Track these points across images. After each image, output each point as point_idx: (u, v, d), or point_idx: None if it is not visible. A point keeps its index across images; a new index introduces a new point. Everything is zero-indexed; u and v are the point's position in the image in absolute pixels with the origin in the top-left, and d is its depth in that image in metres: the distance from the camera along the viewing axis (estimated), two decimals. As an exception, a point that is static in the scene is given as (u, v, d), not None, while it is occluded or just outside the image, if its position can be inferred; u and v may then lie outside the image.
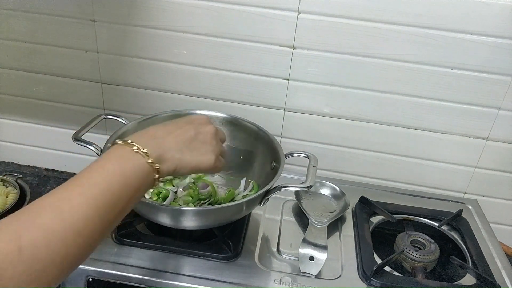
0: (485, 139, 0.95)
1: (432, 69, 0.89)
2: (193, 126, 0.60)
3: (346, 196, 0.93)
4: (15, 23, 0.97)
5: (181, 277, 0.71)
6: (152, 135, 0.56)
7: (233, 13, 0.89)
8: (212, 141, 0.60)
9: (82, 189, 0.46)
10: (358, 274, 0.76)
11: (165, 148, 0.55)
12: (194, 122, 0.61)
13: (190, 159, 0.57)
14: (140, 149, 0.51)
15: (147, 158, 0.51)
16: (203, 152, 0.59)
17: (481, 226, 0.91)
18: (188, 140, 0.58)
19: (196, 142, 0.58)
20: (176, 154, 0.56)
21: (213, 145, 0.60)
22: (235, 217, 0.76)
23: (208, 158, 0.59)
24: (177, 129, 0.58)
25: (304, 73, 0.93)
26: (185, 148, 0.57)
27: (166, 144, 0.55)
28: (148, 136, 0.55)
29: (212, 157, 0.60)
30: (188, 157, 0.57)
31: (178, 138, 0.57)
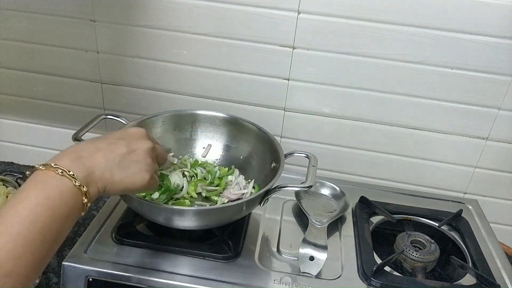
0: (485, 139, 0.95)
1: (432, 69, 0.89)
2: (125, 142, 0.55)
3: (346, 196, 0.93)
4: (15, 23, 0.97)
5: (181, 277, 0.71)
6: (78, 154, 0.51)
7: (233, 13, 0.89)
8: (146, 158, 0.56)
9: (6, 227, 0.42)
10: (358, 274, 0.76)
11: (93, 168, 0.50)
12: (127, 138, 0.56)
13: (121, 179, 0.53)
14: (65, 172, 0.47)
15: (73, 180, 0.47)
16: (135, 171, 0.54)
17: (481, 226, 0.91)
18: (118, 158, 0.53)
19: (128, 160, 0.54)
20: (105, 173, 0.51)
21: (147, 163, 0.56)
22: (235, 217, 0.76)
23: (141, 177, 0.55)
24: (108, 145, 0.54)
25: (304, 73, 0.93)
26: (115, 167, 0.52)
27: (94, 163, 0.51)
28: (73, 156, 0.50)
29: (145, 176, 0.55)
30: (118, 177, 0.53)
31: (108, 155, 0.52)
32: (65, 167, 0.47)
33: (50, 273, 0.82)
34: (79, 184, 0.48)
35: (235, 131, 0.91)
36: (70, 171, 0.47)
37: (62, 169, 0.47)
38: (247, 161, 0.90)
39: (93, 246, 0.75)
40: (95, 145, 0.53)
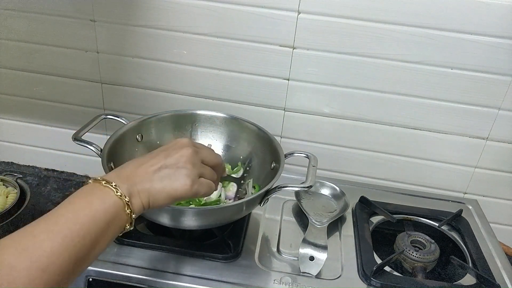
0: (485, 139, 0.95)
1: (432, 69, 0.89)
2: (165, 153, 0.56)
3: (346, 196, 0.93)
4: (15, 23, 0.97)
5: (181, 277, 0.71)
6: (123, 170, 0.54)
7: (233, 13, 0.89)
8: (187, 164, 0.55)
9: (46, 225, 0.45)
10: (358, 274, 0.76)
11: (134, 180, 0.52)
12: (169, 149, 0.57)
13: (161, 188, 0.53)
14: (109, 183, 0.50)
15: (115, 191, 0.50)
16: (176, 178, 0.54)
17: (481, 226, 0.91)
18: (158, 168, 0.54)
19: (167, 169, 0.54)
20: (145, 184, 0.53)
21: (188, 168, 0.55)
22: (235, 217, 0.76)
23: (182, 183, 0.54)
24: (149, 159, 0.55)
25: (304, 73, 0.93)
26: (154, 177, 0.53)
27: (136, 176, 0.53)
28: (119, 172, 0.53)
29: (186, 182, 0.54)
30: (158, 186, 0.53)
31: (149, 168, 0.54)
32: (109, 180, 0.50)
33: (50, 273, 0.81)
34: (121, 194, 0.50)
35: (235, 131, 0.91)
36: (113, 182, 0.50)
37: (106, 181, 0.50)
38: (247, 161, 0.90)
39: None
40: (138, 161, 0.55)
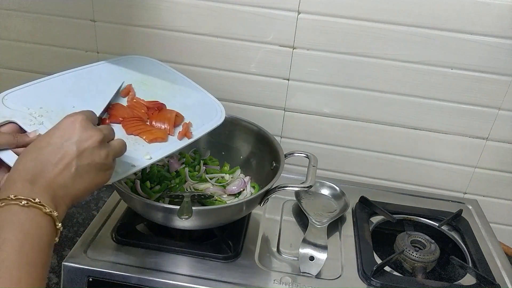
0: (485, 139, 0.95)
1: (432, 69, 0.89)
2: (72, 143, 0.49)
3: (346, 196, 0.93)
4: (15, 23, 0.97)
5: (181, 277, 0.71)
6: (29, 175, 0.46)
7: (233, 13, 0.89)
8: (100, 154, 0.51)
9: None
10: (358, 274, 0.76)
11: (54, 187, 0.46)
12: (72, 136, 0.50)
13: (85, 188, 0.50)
14: (30, 201, 0.43)
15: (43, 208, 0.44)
16: (96, 173, 0.51)
17: (481, 226, 0.91)
18: (73, 167, 0.48)
19: (83, 165, 0.49)
20: (69, 189, 0.48)
21: (103, 158, 0.51)
22: (235, 217, 0.76)
23: (103, 176, 0.52)
24: (55, 154, 0.48)
25: (304, 73, 0.93)
26: (75, 179, 0.48)
27: (52, 181, 0.47)
28: (25, 179, 0.45)
29: (106, 174, 0.52)
30: (82, 186, 0.50)
31: (62, 168, 0.48)
32: (26, 196, 0.43)
33: (50, 273, 0.81)
34: (49, 210, 0.44)
35: (235, 131, 0.91)
36: (35, 198, 0.43)
37: (25, 199, 0.43)
38: (247, 161, 0.90)
39: (93, 246, 0.75)
40: (41, 158, 0.47)
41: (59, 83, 0.70)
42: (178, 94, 0.78)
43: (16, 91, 0.65)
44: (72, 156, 0.48)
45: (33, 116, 0.61)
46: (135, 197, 0.70)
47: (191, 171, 0.87)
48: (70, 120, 0.51)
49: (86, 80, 0.73)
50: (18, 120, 0.60)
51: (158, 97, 0.75)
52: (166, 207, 0.70)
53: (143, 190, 0.81)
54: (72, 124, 0.50)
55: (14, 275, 0.39)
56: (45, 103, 0.64)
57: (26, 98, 0.64)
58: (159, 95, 0.76)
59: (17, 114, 0.60)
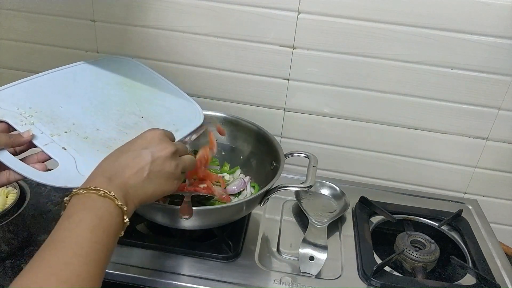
0: (485, 139, 0.95)
1: (432, 69, 0.89)
2: (147, 151, 0.56)
3: (346, 196, 0.93)
4: (15, 23, 0.97)
5: (181, 277, 0.71)
6: (109, 173, 0.52)
7: (233, 13, 0.89)
8: (171, 164, 0.57)
9: (73, 250, 0.44)
10: (358, 274, 0.76)
11: (126, 187, 0.52)
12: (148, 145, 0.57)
13: (152, 192, 0.55)
14: (107, 193, 0.49)
15: (115, 200, 0.49)
16: (163, 181, 0.56)
17: (481, 226, 0.91)
18: (146, 171, 0.54)
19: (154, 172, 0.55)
20: (138, 190, 0.53)
21: (171, 169, 0.57)
22: (235, 217, 0.76)
23: (169, 185, 0.58)
24: (132, 159, 0.55)
25: (304, 73, 0.93)
26: (145, 182, 0.54)
27: (126, 181, 0.52)
28: (105, 176, 0.52)
29: (172, 184, 0.58)
30: (150, 191, 0.55)
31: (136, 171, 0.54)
32: (104, 188, 0.49)
33: (50, 273, 0.81)
34: (121, 203, 0.49)
35: (235, 131, 0.91)
36: (111, 191, 0.49)
37: (103, 191, 0.49)
38: (247, 161, 0.90)
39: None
40: (121, 161, 0.54)
41: (45, 82, 0.70)
42: (159, 97, 0.80)
43: (4, 90, 0.65)
44: (146, 162, 0.55)
45: (24, 116, 0.62)
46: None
47: (191, 171, 0.87)
48: (151, 132, 0.59)
49: (71, 80, 0.74)
50: (9, 120, 0.60)
51: (142, 100, 0.77)
52: (166, 207, 0.70)
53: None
54: (152, 135, 0.58)
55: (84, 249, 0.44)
56: (34, 103, 0.65)
57: (14, 97, 0.64)
58: (143, 97, 0.78)
59: (8, 114, 0.61)
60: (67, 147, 0.62)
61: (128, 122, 0.72)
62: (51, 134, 0.62)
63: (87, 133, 0.66)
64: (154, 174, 0.55)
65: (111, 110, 0.72)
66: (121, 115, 0.72)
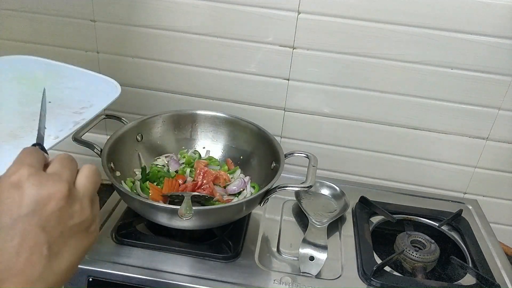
0: (485, 139, 0.95)
1: (432, 69, 0.89)
2: (30, 213, 0.36)
3: (346, 196, 0.93)
4: (15, 23, 0.97)
5: (181, 277, 0.71)
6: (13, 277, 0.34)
7: (233, 13, 0.89)
8: (73, 211, 0.38)
9: None
10: (358, 274, 0.76)
11: (29, 285, 0.35)
12: (26, 203, 0.36)
13: (69, 265, 0.38)
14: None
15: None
16: (77, 240, 0.39)
17: (481, 226, 0.91)
18: (44, 245, 0.36)
19: (56, 238, 0.37)
20: (49, 278, 0.36)
21: (77, 214, 0.38)
22: (235, 217, 0.76)
23: (88, 236, 0.40)
24: (13, 235, 0.35)
25: (304, 73, 0.93)
26: (52, 260, 0.36)
27: (25, 278, 0.35)
28: None
29: (91, 232, 0.41)
30: (64, 266, 0.37)
31: (31, 256, 0.35)
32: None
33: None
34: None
35: (235, 131, 0.91)
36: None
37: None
38: (247, 161, 0.90)
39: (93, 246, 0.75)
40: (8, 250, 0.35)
41: None
42: (65, 81, 0.76)
43: None
44: (35, 233, 0.35)
45: None
46: (135, 197, 0.70)
47: (191, 171, 0.87)
48: (11, 182, 0.36)
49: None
50: None
51: (45, 88, 0.73)
52: (166, 207, 0.70)
53: (143, 190, 0.81)
54: (17, 188, 0.36)
55: None
56: None
57: None
58: (46, 86, 0.71)
59: None
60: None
61: (34, 110, 0.65)
62: None
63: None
64: (57, 244, 0.37)
65: (11, 104, 0.68)
66: (24, 106, 0.68)
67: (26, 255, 0.35)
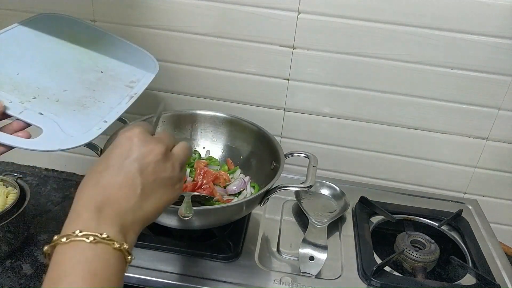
0: (485, 139, 0.95)
1: (432, 69, 0.89)
2: (133, 161, 0.45)
3: (346, 196, 0.93)
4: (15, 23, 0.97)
5: (181, 277, 0.71)
6: (96, 202, 0.42)
7: (233, 13, 0.89)
8: (166, 167, 0.47)
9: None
10: (358, 274, 0.76)
11: (122, 215, 0.42)
12: (131, 153, 0.45)
13: (155, 208, 0.46)
14: (97, 237, 0.39)
15: (112, 244, 0.40)
16: (164, 190, 0.47)
17: (481, 226, 0.91)
18: (139, 186, 0.44)
19: (150, 183, 0.45)
20: (137, 213, 0.44)
21: (168, 171, 0.47)
22: (235, 217, 0.76)
23: (172, 191, 0.48)
24: (117, 175, 0.44)
25: (304, 73, 0.93)
26: (143, 199, 0.44)
27: (120, 207, 0.43)
28: (92, 208, 0.41)
29: (175, 188, 0.49)
30: (151, 208, 0.46)
31: (130, 191, 0.44)
32: (93, 231, 0.39)
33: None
34: (118, 245, 0.40)
35: (235, 131, 0.91)
36: (102, 233, 0.39)
37: (92, 235, 0.39)
38: (247, 161, 0.90)
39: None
40: (104, 183, 0.43)
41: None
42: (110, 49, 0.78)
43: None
44: (134, 175, 0.44)
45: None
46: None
47: (191, 171, 0.87)
48: (126, 135, 0.47)
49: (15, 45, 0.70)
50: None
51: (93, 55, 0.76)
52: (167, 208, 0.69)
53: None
54: (129, 139, 0.46)
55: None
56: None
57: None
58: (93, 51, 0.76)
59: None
60: (44, 112, 0.60)
61: (91, 79, 0.70)
62: (20, 101, 0.60)
63: (56, 95, 0.64)
64: (149, 187, 0.45)
65: (68, 70, 0.70)
66: (80, 73, 0.71)
67: (125, 190, 0.43)
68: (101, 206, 0.42)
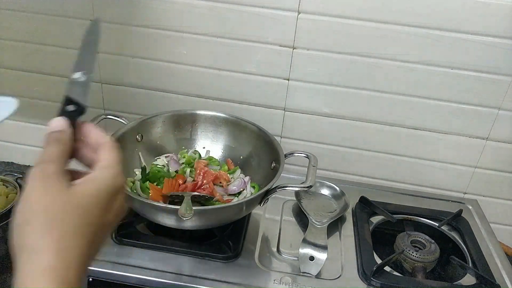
0: (485, 139, 0.95)
1: (432, 69, 0.89)
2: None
3: (346, 196, 0.93)
4: (15, 23, 0.97)
5: (181, 277, 0.71)
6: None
7: (233, 13, 0.89)
8: None
9: None
10: (358, 274, 0.76)
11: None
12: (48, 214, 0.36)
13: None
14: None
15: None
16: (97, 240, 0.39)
17: (481, 226, 0.91)
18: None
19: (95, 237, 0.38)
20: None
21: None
22: (235, 217, 0.76)
23: None
24: None
25: (304, 73, 0.93)
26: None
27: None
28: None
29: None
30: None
31: None
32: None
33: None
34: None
35: (235, 131, 0.91)
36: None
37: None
38: (247, 161, 0.90)
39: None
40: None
41: None
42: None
43: None
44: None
45: None
46: (135, 198, 0.70)
47: (191, 171, 0.87)
48: (27, 184, 0.38)
49: None
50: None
51: None
52: (166, 207, 0.70)
53: (143, 190, 0.81)
54: (26, 197, 0.37)
55: None
56: None
57: None
58: None
59: None
60: None
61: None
62: None
63: None
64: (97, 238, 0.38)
65: None
66: None
67: None
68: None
